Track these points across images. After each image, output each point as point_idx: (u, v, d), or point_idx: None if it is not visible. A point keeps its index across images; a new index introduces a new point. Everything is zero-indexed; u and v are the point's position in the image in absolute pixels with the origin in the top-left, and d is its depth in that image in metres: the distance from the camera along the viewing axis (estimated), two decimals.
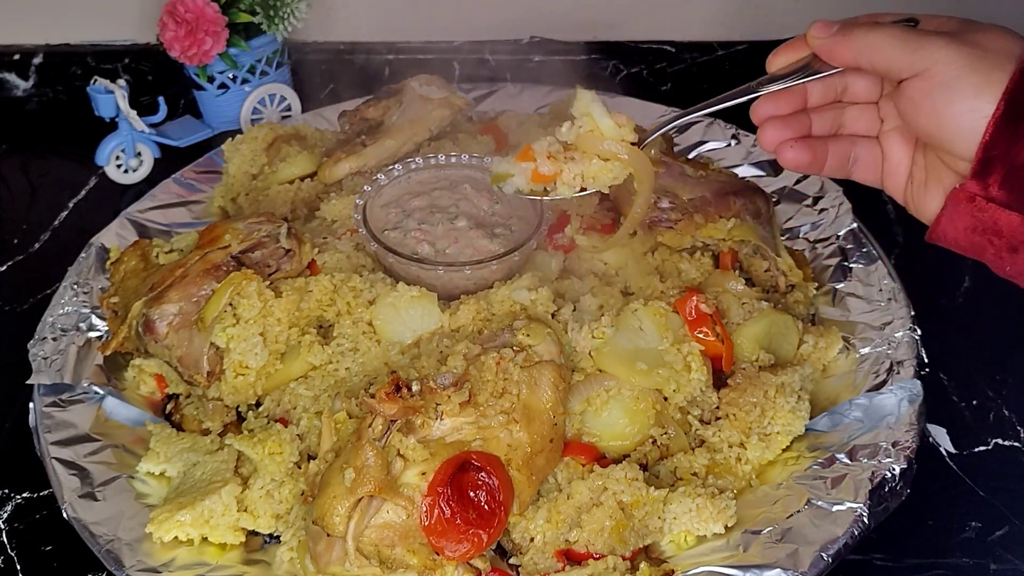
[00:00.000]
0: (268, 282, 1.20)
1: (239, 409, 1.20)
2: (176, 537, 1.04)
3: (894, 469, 1.03)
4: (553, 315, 1.19)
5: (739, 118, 1.64)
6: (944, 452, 1.19)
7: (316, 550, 0.96)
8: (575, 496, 1.03)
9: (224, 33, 1.65)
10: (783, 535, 0.99)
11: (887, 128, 0.92)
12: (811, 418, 1.14)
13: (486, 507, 0.96)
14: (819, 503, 1.02)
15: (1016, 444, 1.20)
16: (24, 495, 1.16)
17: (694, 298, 1.16)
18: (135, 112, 1.68)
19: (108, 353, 1.23)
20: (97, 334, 1.29)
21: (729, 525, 1.02)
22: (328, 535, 0.95)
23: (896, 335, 1.20)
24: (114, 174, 1.71)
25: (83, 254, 1.39)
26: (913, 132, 0.87)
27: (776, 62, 0.96)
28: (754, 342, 1.19)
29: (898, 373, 1.15)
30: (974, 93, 0.77)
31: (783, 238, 1.41)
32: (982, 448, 1.20)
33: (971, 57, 0.77)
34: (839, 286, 1.32)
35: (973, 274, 1.45)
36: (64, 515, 1.06)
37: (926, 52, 0.79)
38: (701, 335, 1.15)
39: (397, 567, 0.96)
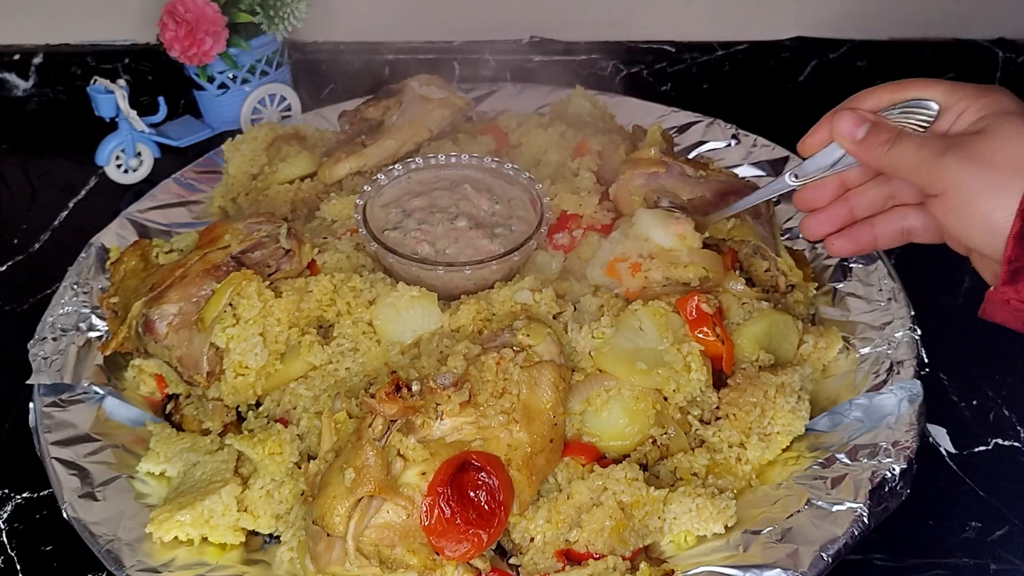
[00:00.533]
0: (268, 282, 1.20)
1: (239, 409, 1.20)
2: (176, 537, 1.04)
3: (894, 469, 1.04)
4: (556, 316, 1.19)
5: (739, 118, 1.65)
6: (944, 452, 1.19)
7: (316, 550, 0.96)
8: (575, 496, 1.03)
9: (224, 33, 1.65)
10: (783, 535, 0.99)
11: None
12: (811, 418, 1.14)
13: (486, 507, 0.97)
14: (819, 503, 1.02)
15: (1016, 444, 1.20)
16: (24, 495, 1.16)
17: (695, 298, 1.16)
18: (135, 112, 1.68)
19: (108, 353, 1.23)
20: (97, 334, 1.29)
21: (729, 525, 1.02)
22: (328, 535, 0.95)
23: (896, 335, 1.20)
24: (114, 174, 1.71)
25: (83, 254, 1.39)
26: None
27: (810, 145, 0.99)
28: (754, 342, 1.19)
29: (898, 373, 1.15)
30: (986, 213, 0.81)
31: (783, 238, 1.41)
32: (982, 448, 1.20)
33: (982, 178, 0.81)
34: (839, 286, 1.32)
35: (973, 274, 1.44)
36: (64, 515, 1.06)
37: (941, 174, 0.83)
38: (702, 335, 1.15)
39: (397, 567, 0.96)
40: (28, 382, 1.20)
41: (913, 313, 1.23)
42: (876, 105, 0.93)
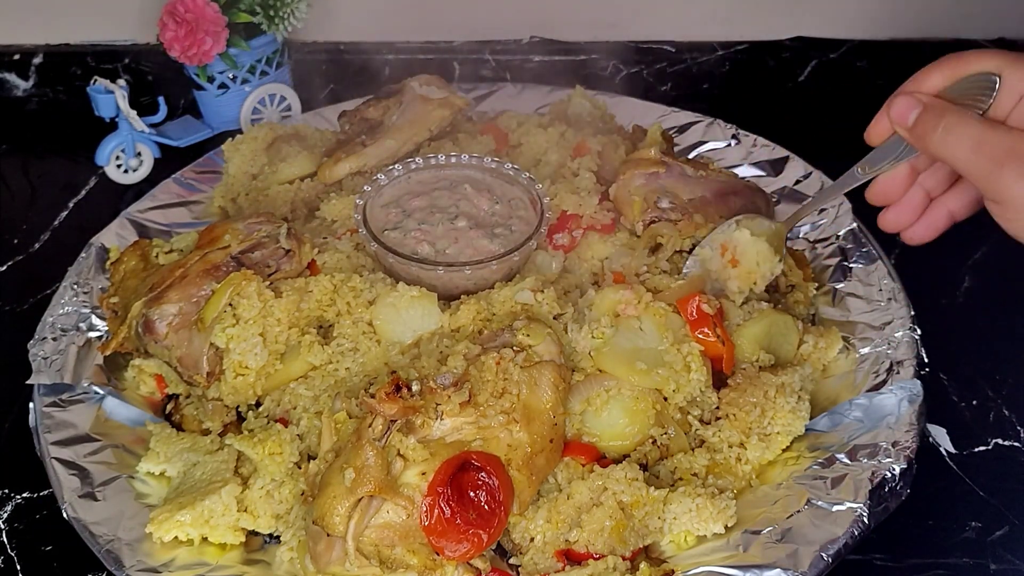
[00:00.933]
0: (268, 282, 1.20)
1: (239, 409, 1.20)
2: (176, 537, 1.04)
3: (894, 469, 1.03)
4: (557, 316, 1.19)
5: (739, 118, 1.65)
6: (944, 452, 1.19)
7: (316, 550, 0.96)
8: (575, 496, 1.03)
9: (224, 33, 1.65)
10: (783, 535, 0.99)
11: None
12: (811, 418, 1.14)
13: (486, 507, 0.96)
14: (819, 503, 1.02)
15: (1016, 444, 1.20)
16: (24, 495, 1.16)
17: (695, 298, 1.16)
18: (135, 112, 1.68)
19: (108, 353, 1.23)
20: (97, 334, 1.29)
21: (729, 525, 1.02)
22: (328, 535, 0.95)
23: (896, 335, 1.20)
24: (114, 174, 1.71)
25: (83, 254, 1.39)
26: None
27: (876, 135, 0.96)
28: (754, 342, 1.19)
29: (898, 373, 1.15)
30: None
31: None
32: (982, 448, 1.20)
33: None
34: (839, 286, 1.32)
35: (973, 274, 1.45)
36: (64, 515, 1.06)
37: (1000, 186, 0.79)
38: (702, 335, 1.15)
39: (397, 567, 0.96)
40: (28, 382, 1.20)
41: (913, 313, 1.23)
42: (936, 85, 0.89)
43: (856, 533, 0.99)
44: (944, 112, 0.84)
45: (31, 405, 1.18)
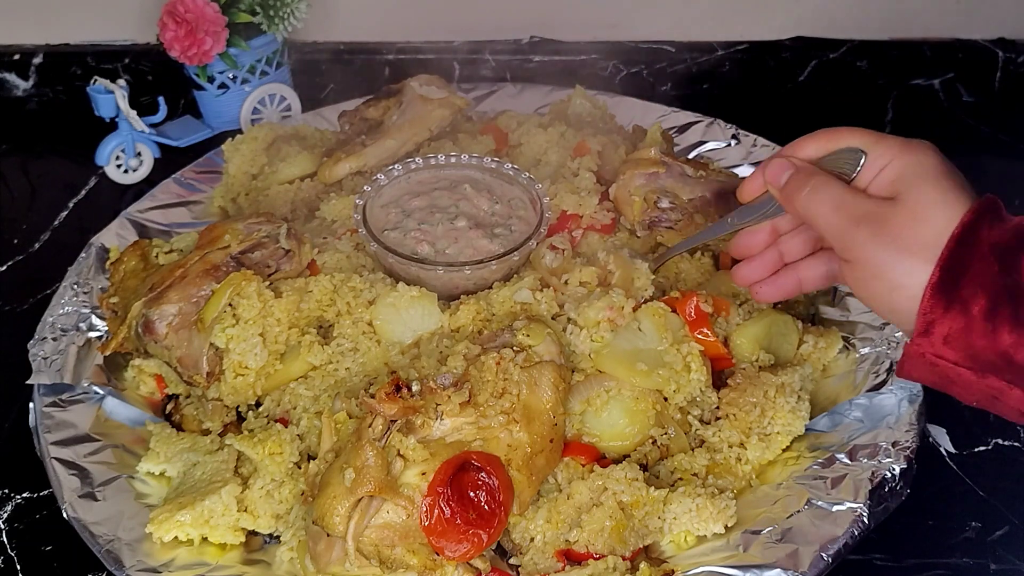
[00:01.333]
0: (268, 282, 1.20)
1: (239, 409, 1.20)
2: (176, 537, 1.04)
3: (894, 469, 1.04)
4: (555, 316, 1.19)
5: (739, 118, 1.65)
6: (944, 452, 1.19)
7: (316, 550, 0.96)
8: (575, 496, 1.03)
9: (224, 33, 1.65)
10: (783, 535, 0.99)
11: None
12: (811, 418, 1.14)
13: (486, 507, 0.97)
14: (819, 503, 1.02)
15: (1016, 444, 1.20)
16: (24, 495, 1.16)
17: (694, 298, 1.16)
18: (135, 112, 1.68)
19: (108, 353, 1.23)
20: (97, 334, 1.29)
21: (729, 525, 1.02)
22: (328, 535, 0.95)
23: (896, 335, 1.20)
24: (114, 174, 1.71)
25: (83, 254, 1.39)
26: None
27: (748, 192, 1.02)
28: (754, 342, 1.19)
29: None
30: (897, 284, 0.83)
31: None
32: (982, 448, 1.20)
33: (892, 252, 0.83)
34: (839, 286, 1.32)
35: None
36: (64, 515, 1.06)
37: (852, 245, 0.86)
38: (701, 335, 1.15)
39: (397, 567, 0.96)
40: (28, 382, 1.20)
41: None
42: (810, 154, 0.95)
43: (856, 533, 0.99)
44: (812, 175, 0.91)
45: (31, 405, 1.18)
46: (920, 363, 0.85)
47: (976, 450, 1.20)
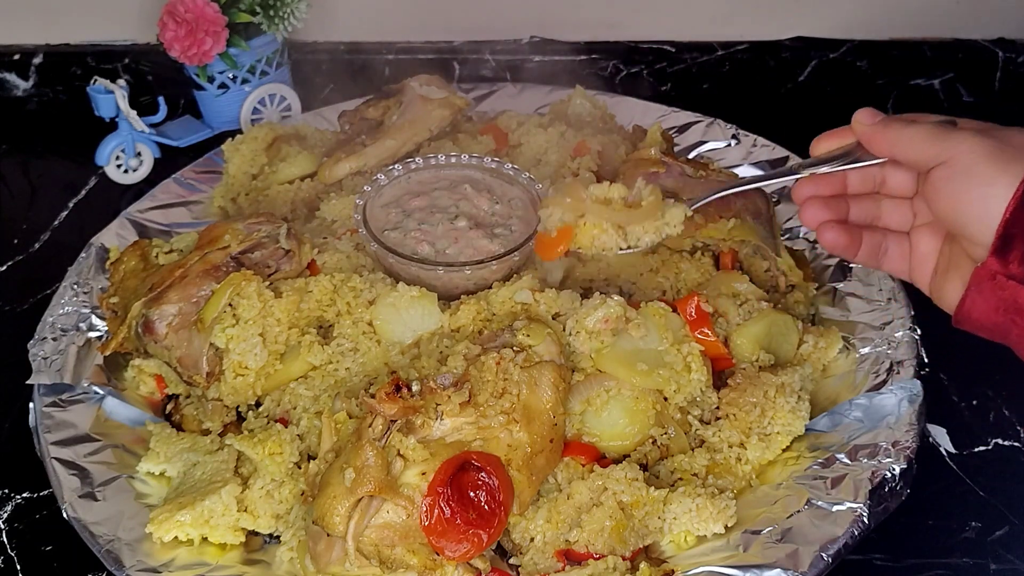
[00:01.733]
0: (268, 283, 1.20)
1: (239, 409, 1.20)
2: (176, 537, 1.04)
3: (894, 469, 1.04)
4: (556, 316, 1.19)
5: (739, 118, 1.65)
6: (944, 452, 1.19)
7: (316, 550, 0.96)
8: (575, 496, 1.03)
9: (224, 33, 1.65)
10: (783, 535, 0.99)
11: (918, 223, 0.96)
12: (811, 418, 1.14)
13: (486, 507, 0.96)
14: (819, 503, 1.02)
15: (1016, 444, 1.20)
16: (24, 495, 1.16)
17: (695, 298, 1.16)
18: (135, 112, 1.68)
19: (107, 353, 1.23)
20: (97, 334, 1.29)
21: (729, 525, 1.02)
22: (328, 535, 0.95)
23: (896, 335, 1.20)
24: (114, 174, 1.71)
25: (83, 254, 1.39)
26: (937, 218, 0.91)
27: (820, 146, 1.00)
28: (754, 342, 1.19)
29: (898, 373, 1.15)
30: (990, 180, 0.80)
31: (783, 238, 1.41)
32: (982, 448, 1.20)
33: (992, 148, 0.81)
34: (839, 286, 1.32)
35: None
36: (64, 515, 1.06)
37: (951, 143, 0.84)
38: (702, 335, 1.15)
39: (397, 567, 0.96)
40: (28, 382, 1.20)
41: (913, 313, 1.23)
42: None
43: (856, 533, 0.99)
44: (906, 118, 0.92)
45: (31, 405, 1.18)
46: (987, 290, 0.81)
47: (976, 450, 1.20)
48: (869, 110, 0.94)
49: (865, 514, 1.00)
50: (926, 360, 1.17)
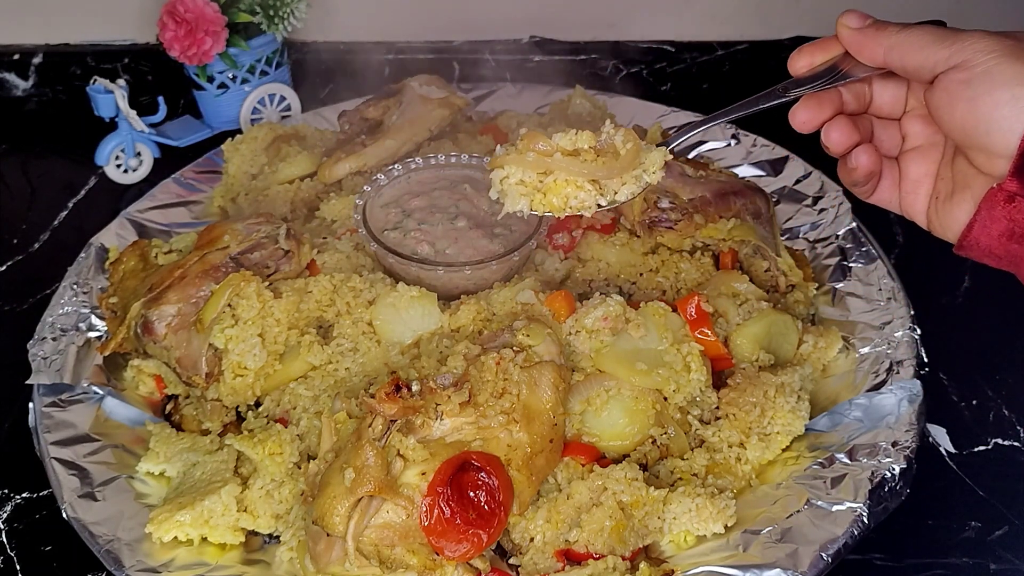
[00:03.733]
0: (267, 283, 1.20)
1: (239, 409, 1.20)
2: (176, 537, 1.04)
3: (894, 469, 1.03)
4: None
5: (740, 118, 1.64)
6: (944, 452, 1.19)
7: (316, 550, 0.96)
8: (575, 496, 1.03)
9: (224, 33, 1.65)
10: (783, 535, 0.99)
11: (908, 147, 0.89)
12: (811, 418, 1.14)
13: (486, 507, 0.96)
14: (819, 503, 1.02)
15: (1016, 444, 1.20)
16: (24, 495, 1.16)
17: (695, 298, 1.16)
18: (135, 112, 1.68)
19: (107, 353, 1.23)
20: (97, 334, 1.29)
21: (729, 525, 1.02)
22: (328, 535, 0.95)
23: (896, 335, 1.20)
24: (114, 174, 1.71)
25: (83, 254, 1.39)
26: (947, 130, 0.80)
27: (801, 62, 0.89)
28: (754, 342, 1.19)
29: (898, 373, 1.15)
30: (1017, 81, 0.71)
31: (783, 238, 1.41)
32: (982, 448, 1.20)
33: (1011, 47, 0.72)
34: (839, 286, 1.32)
35: (973, 274, 1.45)
36: (64, 515, 1.06)
37: (964, 44, 0.75)
38: (701, 335, 1.15)
39: (397, 567, 0.96)
40: (28, 382, 1.20)
41: (913, 313, 1.23)
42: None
43: (856, 533, 0.99)
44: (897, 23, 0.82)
45: (31, 405, 1.18)
46: (999, 215, 0.73)
47: (976, 450, 1.20)
48: (856, 12, 0.83)
49: (865, 514, 1.00)
50: (926, 360, 1.17)
